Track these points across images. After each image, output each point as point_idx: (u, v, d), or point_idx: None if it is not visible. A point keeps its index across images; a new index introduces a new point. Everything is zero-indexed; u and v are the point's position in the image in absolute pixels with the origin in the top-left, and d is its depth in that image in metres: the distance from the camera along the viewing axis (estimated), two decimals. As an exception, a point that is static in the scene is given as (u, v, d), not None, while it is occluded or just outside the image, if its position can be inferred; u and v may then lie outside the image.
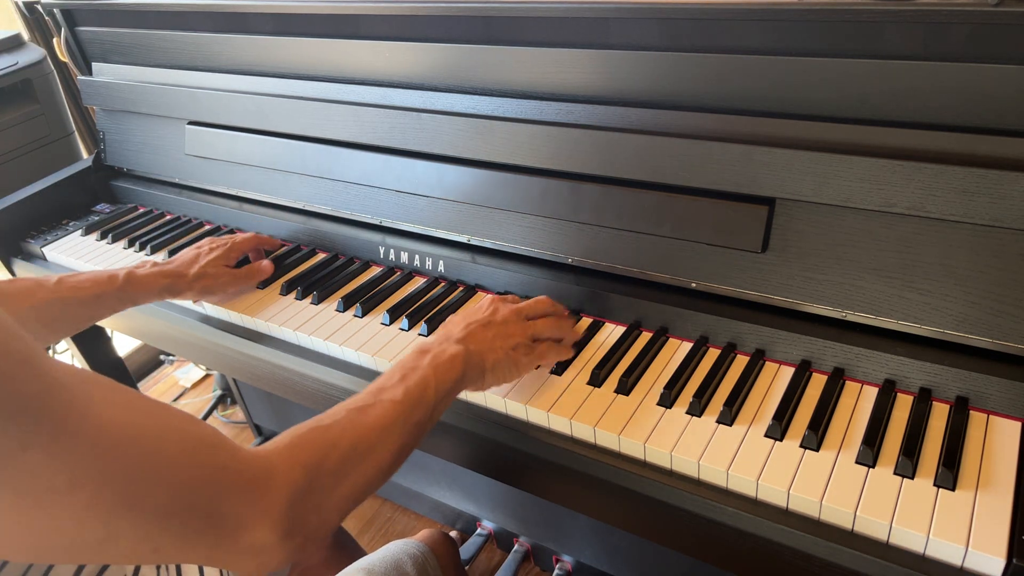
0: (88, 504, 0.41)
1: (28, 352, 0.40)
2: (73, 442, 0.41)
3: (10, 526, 0.40)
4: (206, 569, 0.70)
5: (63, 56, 1.35)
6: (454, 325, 0.76)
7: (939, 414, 0.68)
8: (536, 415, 0.76)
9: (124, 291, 0.90)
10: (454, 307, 0.93)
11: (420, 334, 0.89)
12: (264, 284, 1.03)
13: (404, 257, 1.02)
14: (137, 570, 0.63)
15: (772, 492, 0.64)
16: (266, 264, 1.03)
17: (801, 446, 0.67)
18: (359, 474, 0.58)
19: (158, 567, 0.65)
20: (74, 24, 1.32)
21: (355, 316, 0.94)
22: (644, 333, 0.85)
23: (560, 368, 0.80)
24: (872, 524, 0.60)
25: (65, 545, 0.42)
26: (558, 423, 0.74)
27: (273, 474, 0.51)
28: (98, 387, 0.44)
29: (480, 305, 0.79)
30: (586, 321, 0.88)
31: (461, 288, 0.97)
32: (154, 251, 1.16)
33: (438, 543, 0.97)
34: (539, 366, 0.80)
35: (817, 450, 0.66)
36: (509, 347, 0.74)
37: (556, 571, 1.36)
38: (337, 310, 0.96)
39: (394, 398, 0.63)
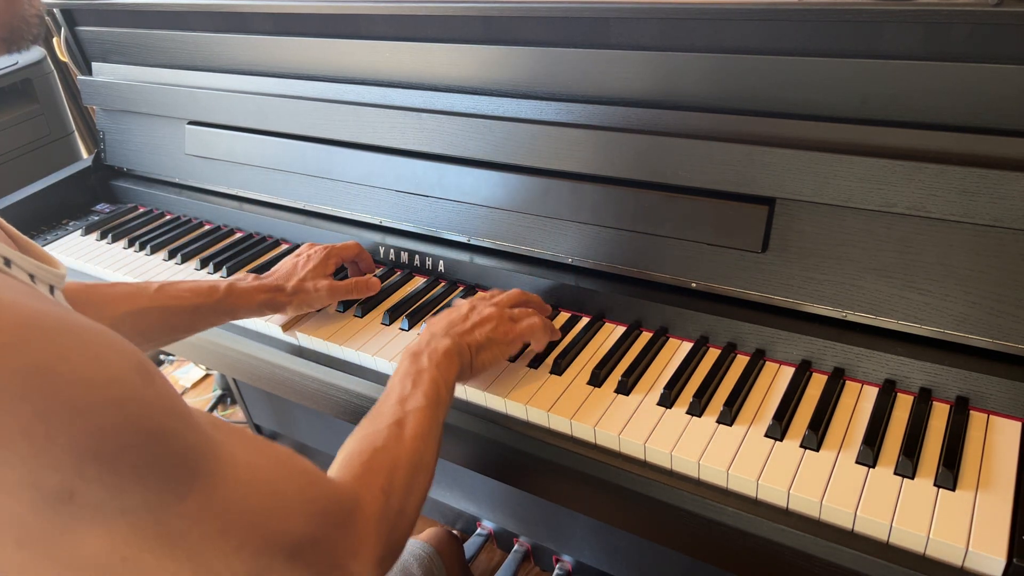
0: (237, 547, 0.43)
1: (182, 405, 0.42)
2: (222, 489, 0.43)
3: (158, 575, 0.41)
4: None
5: (63, 56, 1.35)
6: (435, 324, 0.78)
7: (939, 414, 0.68)
8: (536, 415, 0.76)
9: (223, 304, 0.87)
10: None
11: (420, 334, 0.89)
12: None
13: (404, 257, 1.02)
14: None
15: (772, 492, 0.64)
16: (374, 281, 0.94)
17: (801, 446, 0.67)
18: (419, 485, 0.61)
19: None
20: (74, 24, 1.32)
21: (355, 316, 0.94)
22: (644, 333, 0.85)
23: (560, 367, 0.80)
24: (872, 524, 0.60)
25: None
26: (558, 423, 0.74)
27: (361, 503, 0.54)
28: (224, 431, 0.46)
29: (459, 304, 0.82)
30: (586, 320, 0.88)
31: (461, 288, 0.97)
32: (154, 251, 1.16)
33: (443, 542, 0.97)
34: (527, 355, 0.80)
35: (817, 450, 0.66)
36: (488, 330, 0.77)
37: (556, 571, 1.36)
38: (337, 310, 0.95)
39: (419, 406, 0.65)
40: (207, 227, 1.22)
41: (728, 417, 0.70)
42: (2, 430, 0.34)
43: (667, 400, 0.74)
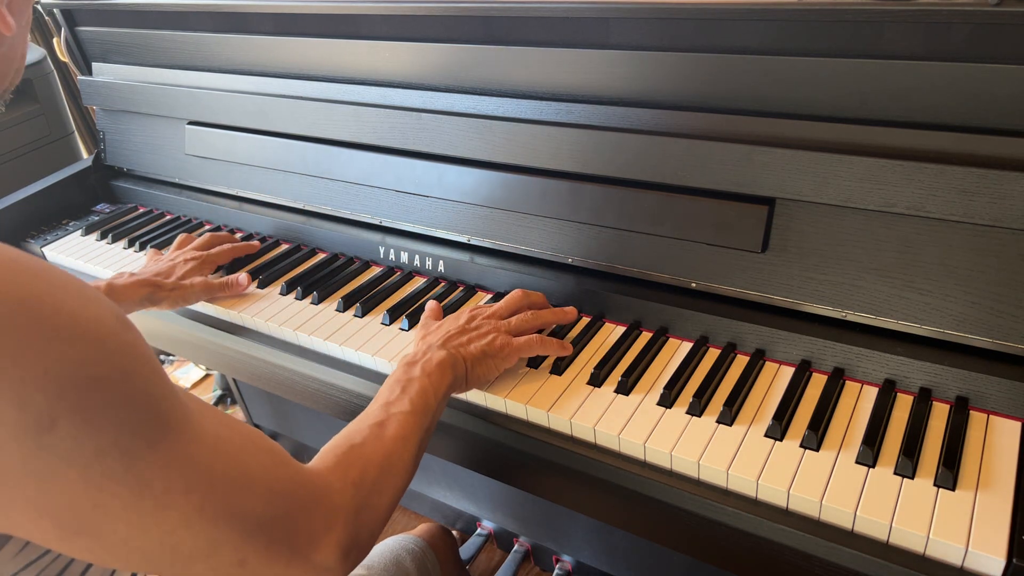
0: (199, 508, 0.45)
1: (157, 363, 0.45)
2: (190, 447, 0.45)
3: (123, 528, 0.43)
4: None
5: (63, 56, 1.35)
6: (432, 335, 0.79)
7: (939, 414, 0.68)
8: (536, 415, 0.76)
9: None
10: (454, 307, 0.93)
11: (417, 343, 0.89)
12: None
13: (404, 257, 1.02)
14: None
15: (772, 492, 0.64)
16: (243, 277, 1.01)
17: (801, 446, 0.67)
18: (392, 485, 0.61)
19: None
20: (74, 24, 1.31)
21: (355, 316, 0.94)
22: (644, 333, 0.85)
23: (560, 367, 0.80)
24: (872, 524, 0.60)
25: (167, 552, 0.45)
26: (558, 423, 0.74)
27: (331, 492, 0.55)
28: (196, 402, 0.48)
29: (457, 314, 0.82)
30: (586, 320, 0.88)
31: (461, 288, 0.97)
32: (154, 251, 1.16)
33: (436, 538, 0.97)
34: (537, 361, 0.80)
35: (817, 450, 0.66)
36: (484, 344, 0.77)
37: (556, 571, 1.36)
38: (337, 310, 0.96)
39: (403, 410, 0.66)
40: (207, 227, 1.22)
41: (728, 417, 0.70)
42: None
43: (667, 400, 0.74)
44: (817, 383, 0.74)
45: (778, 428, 0.68)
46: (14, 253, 0.40)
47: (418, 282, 1.00)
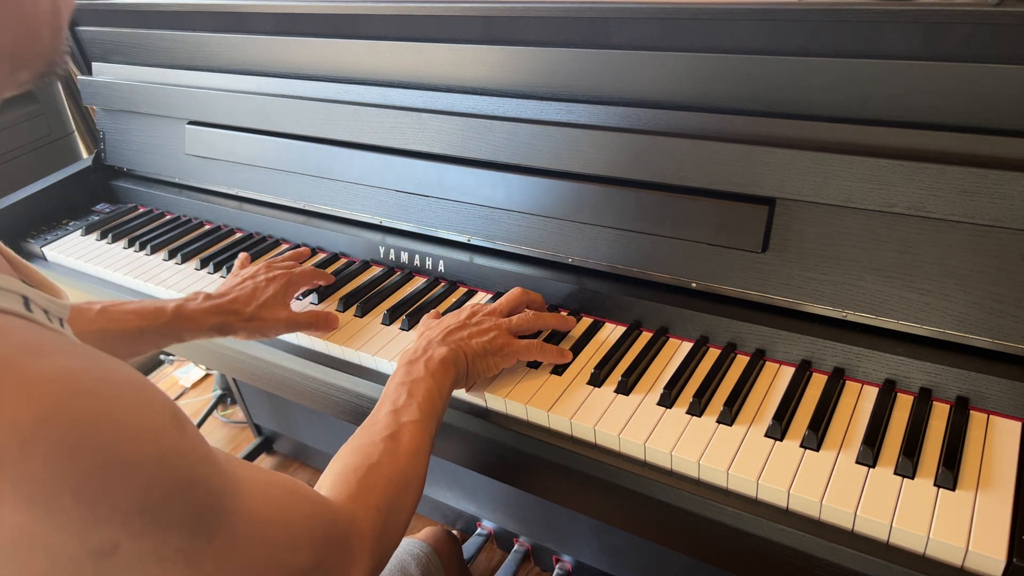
0: None
1: (208, 449, 0.43)
2: (241, 526, 0.44)
3: None
4: None
5: (63, 56, 1.35)
6: (432, 330, 0.78)
7: (939, 414, 0.68)
8: (536, 415, 0.76)
9: (170, 327, 0.83)
10: (454, 308, 0.93)
11: (416, 339, 0.89)
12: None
13: (404, 257, 1.02)
14: None
15: (772, 492, 0.64)
16: (333, 316, 0.91)
17: (801, 446, 0.67)
18: (409, 502, 0.62)
19: None
20: (74, 24, 1.31)
21: (355, 316, 0.94)
22: (644, 333, 0.85)
23: (560, 368, 0.80)
24: (872, 524, 0.60)
25: None
26: (558, 423, 0.74)
27: (357, 523, 0.55)
28: (235, 465, 0.47)
29: (458, 312, 0.82)
30: (586, 321, 0.88)
31: (461, 288, 0.97)
32: (154, 251, 1.16)
33: (441, 541, 0.97)
34: (536, 364, 0.80)
35: (817, 450, 0.66)
36: (486, 341, 0.76)
37: (556, 571, 1.36)
38: (337, 310, 0.96)
39: (413, 419, 0.66)
40: (207, 227, 1.22)
41: (728, 417, 0.70)
42: (54, 492, 0.34)
43: (667, 400, 0.74)
44: (817, 383, 0.74)
45: (778, 428, 0.68)
46: (67, 371, 0.36)
47: (418, 282, 1.00)
